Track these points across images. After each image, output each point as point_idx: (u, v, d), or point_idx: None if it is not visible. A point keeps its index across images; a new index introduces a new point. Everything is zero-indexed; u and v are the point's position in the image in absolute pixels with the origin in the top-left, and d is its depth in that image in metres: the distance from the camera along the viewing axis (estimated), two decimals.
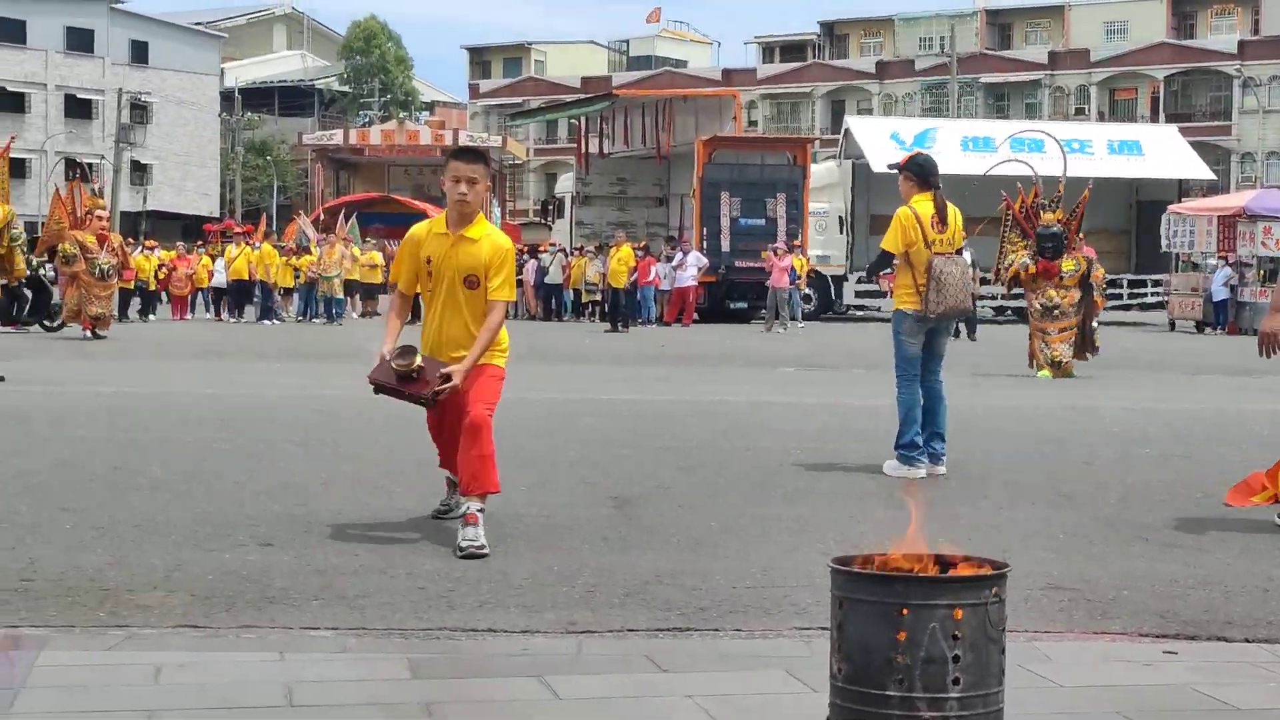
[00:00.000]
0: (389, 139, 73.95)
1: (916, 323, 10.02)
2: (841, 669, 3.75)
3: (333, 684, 4.78)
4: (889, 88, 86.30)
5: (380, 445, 10.92)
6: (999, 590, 3.72)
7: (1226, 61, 79.01)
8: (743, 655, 5.31)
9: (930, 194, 10.08)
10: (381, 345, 7.52)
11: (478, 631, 5.54)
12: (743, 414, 13.98)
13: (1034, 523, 8.10)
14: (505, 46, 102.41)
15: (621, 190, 43.73)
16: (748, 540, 7.44)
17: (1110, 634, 5.72)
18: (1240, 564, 7.03)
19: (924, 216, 9.99)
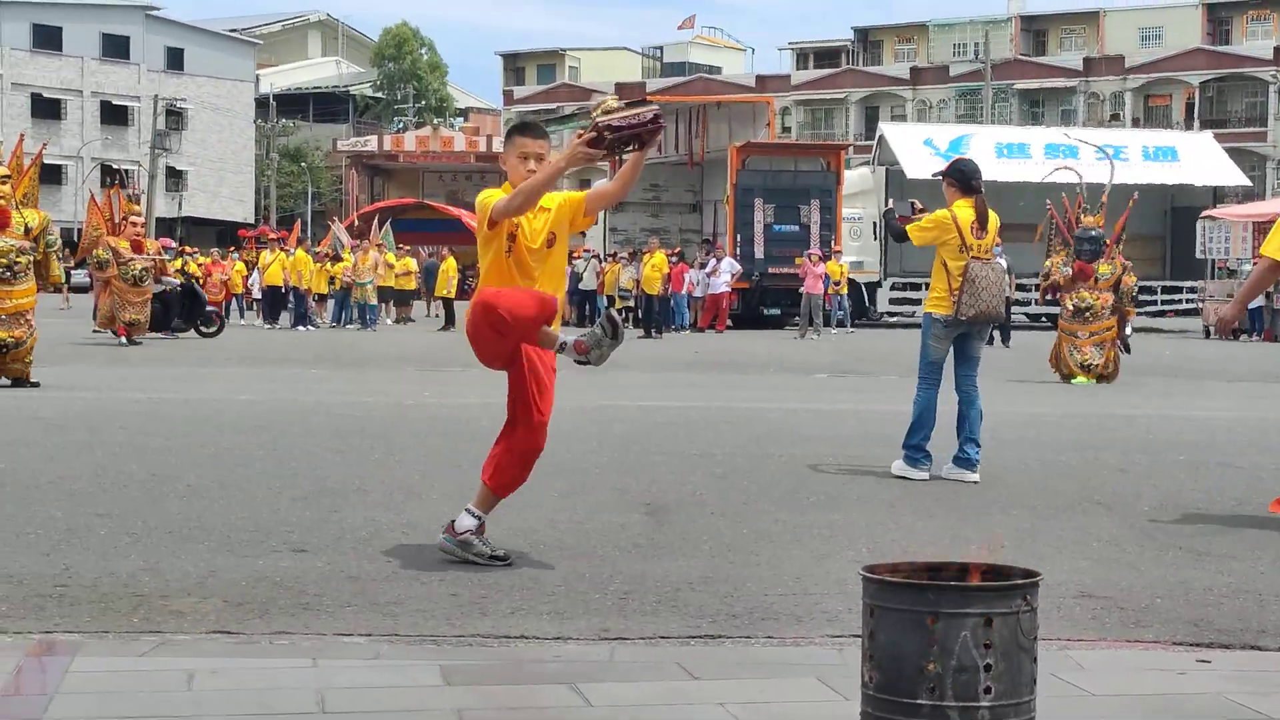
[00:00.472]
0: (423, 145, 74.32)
1: (945, 327, 10.05)
2: (873, 677, 3.75)
3: (365, 691, 4.80)
4: (923, 94, 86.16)
5: (415, 451, 10.95)
6: (1030, 599, 3.72)
7: (1262, 67, 78.66)
8: (775, 663, 5.30)
9: (972, 200, 10.14)
10: (564, 152, 6.81)
11: (510, 638, 5.55)
12: (775, 420, 13.97)
13: (1068, 530, 8.08)
14: (539, 53, 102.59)
15: (655, 197, 43.76)
16: (780, 547, 7.44)
17: (1143, 642, 5.71)
18: (1275, 573, 6.99)
19: (964, 222, 10.04)
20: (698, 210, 43.70)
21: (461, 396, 16.06)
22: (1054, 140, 43.37)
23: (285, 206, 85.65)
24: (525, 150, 6.88)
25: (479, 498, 6.95)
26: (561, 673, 5.05)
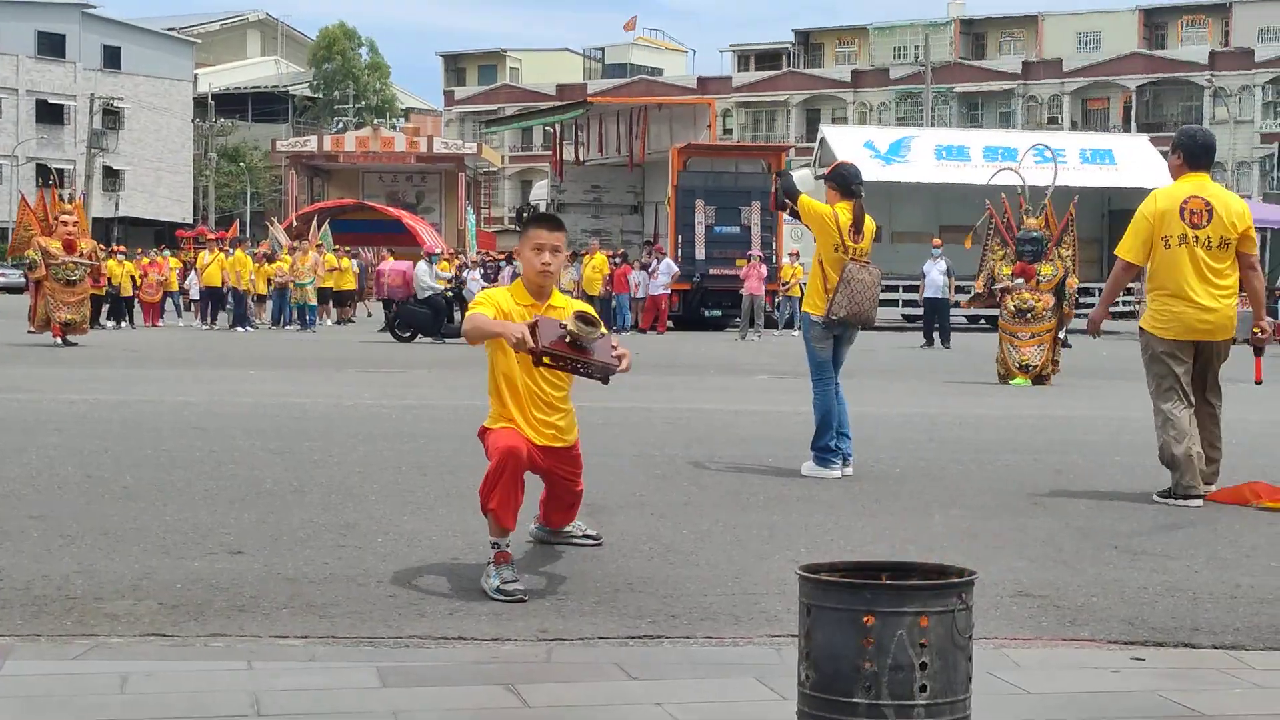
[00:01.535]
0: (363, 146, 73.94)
1: (823, 327, 10.11)
2: (809, 676, 3.75)
3: (301, 693, 4.77)
4: (864, 96, 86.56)
5: (354, 452, 10.89)
6: (966, 597, 3.73)
7: (1197, 72, 79.48)
8: (713, 663, 5.30)
9: (851, 203, 10.21)
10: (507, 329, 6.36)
11: (448, 639, 5.53)
12: (716, 422, 13.99)
13: (1005, 530, 8.12)
14: (480, 54, 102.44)
15: (596, 198, 43.76)
16: (720, 548, 7.45)
17: (1079, 641, 5.74)
18: (1208, 571, 7.06)
19: (843, 223, 10.13)
20: (639, 211, 43.70)
21: (401, 398, 16.00)
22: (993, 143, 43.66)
23: (224, 207, 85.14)
24: (541, 242, 6.70)
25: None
26: (499, 674, 5.04)
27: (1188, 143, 9.48)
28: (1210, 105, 78.82)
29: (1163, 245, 9.27)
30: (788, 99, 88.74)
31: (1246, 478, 10.29)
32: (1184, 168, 9.44)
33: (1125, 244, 9.39)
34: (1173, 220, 9.25)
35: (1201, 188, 9.40)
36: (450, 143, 78.44)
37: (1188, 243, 9.24)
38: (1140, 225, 9.35)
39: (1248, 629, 5.94)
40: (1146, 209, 9.37)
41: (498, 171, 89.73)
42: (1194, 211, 9.26)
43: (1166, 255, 9.29)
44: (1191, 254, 9.24)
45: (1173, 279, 9.27)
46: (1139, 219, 9.38)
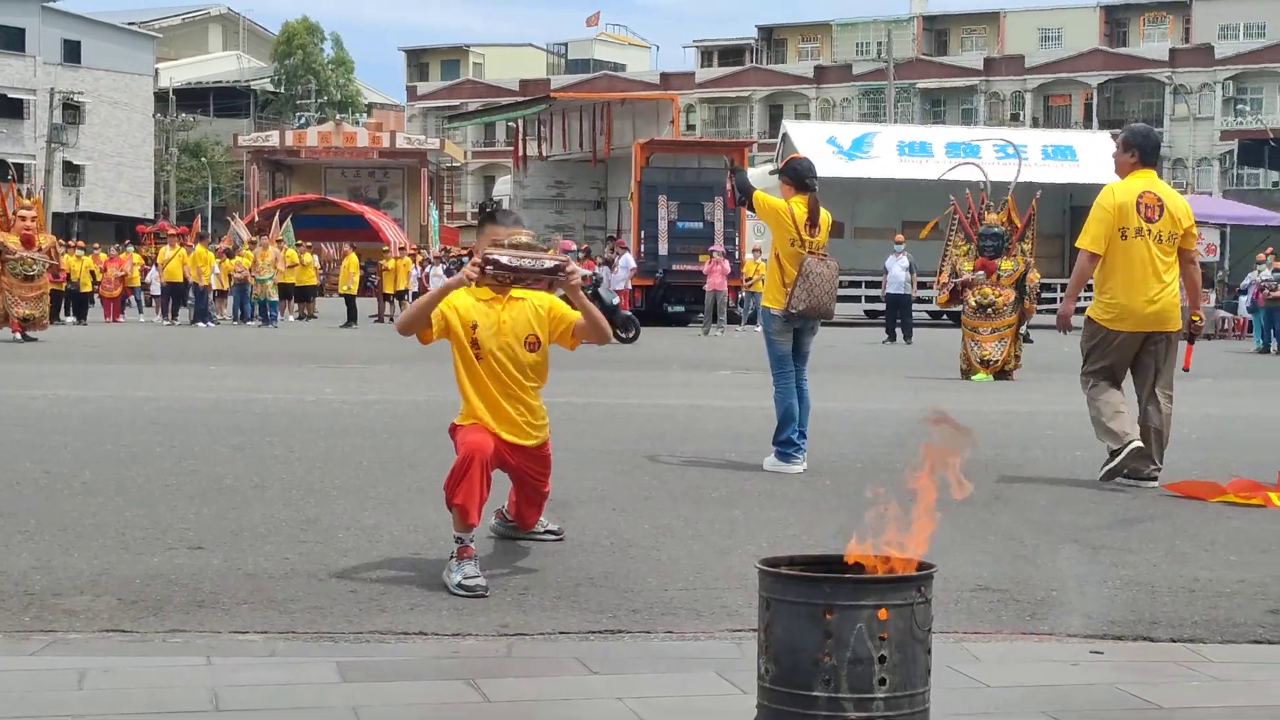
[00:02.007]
0: (326, 141, 73.82)
1: (783, 321, 10.14)
2: (769, 670, 3.76)
3: (260, 688, 4.75)
4: (826, 92, 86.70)
5: (315, 448, 10.86)
6: (925, 591, 3.74)
7: (1158, 69, 79.87)
8: (674, 657, 5.31)
9: (806, 197, 10.22)
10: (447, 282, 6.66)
11: (408, 634, 5.52)
12: (677, 417, 14.00)
13: (966, 524, 8.13)
14: (443, 49, 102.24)
15: (559, 193, 43.73)
16: (681, 542, 7.45)
17: (1038, 634, 5.76)
18: (1167, 565, 7.09)
19: (798, 217, 10.13)
20: (602, 207, 43.70)
21: (363, 394, 15.97)
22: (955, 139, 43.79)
23: (185, 202, 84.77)
24: (497, 238, 6.67)
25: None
26: (460, 669, 5.03)
27: (1142, 141, 9.84)
28: (1171, 102, 79.23)
29: (1120, 237, 9.61)
30: (751, 95, 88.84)
31: (1210, 472, 10.36)
32: (1138, 165, 9.80)
33: (1088, 236, 9.68)
34: (1130, 213, 9.60)
35: (1153, 183, 9.80)
36: (413, 138, 78.38)
37: (1143, 235, 9.61)
38: (1102, 217, 9.65)
39: (1206, 622, 5.97)
40: (1106, 201, 9.67)
41: (461, 167, 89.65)
42: (1148, 206, 9.64)
43: (1123, 247, 9.65)
44: (1145, 247, 9.61)
45: (1126, 271, 9.65)
46: (1100, 211, 9.66)
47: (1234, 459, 11.17)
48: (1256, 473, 10.32)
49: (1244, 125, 75.83)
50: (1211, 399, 17.84)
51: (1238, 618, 6.06)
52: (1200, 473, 10.40)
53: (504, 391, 6.67)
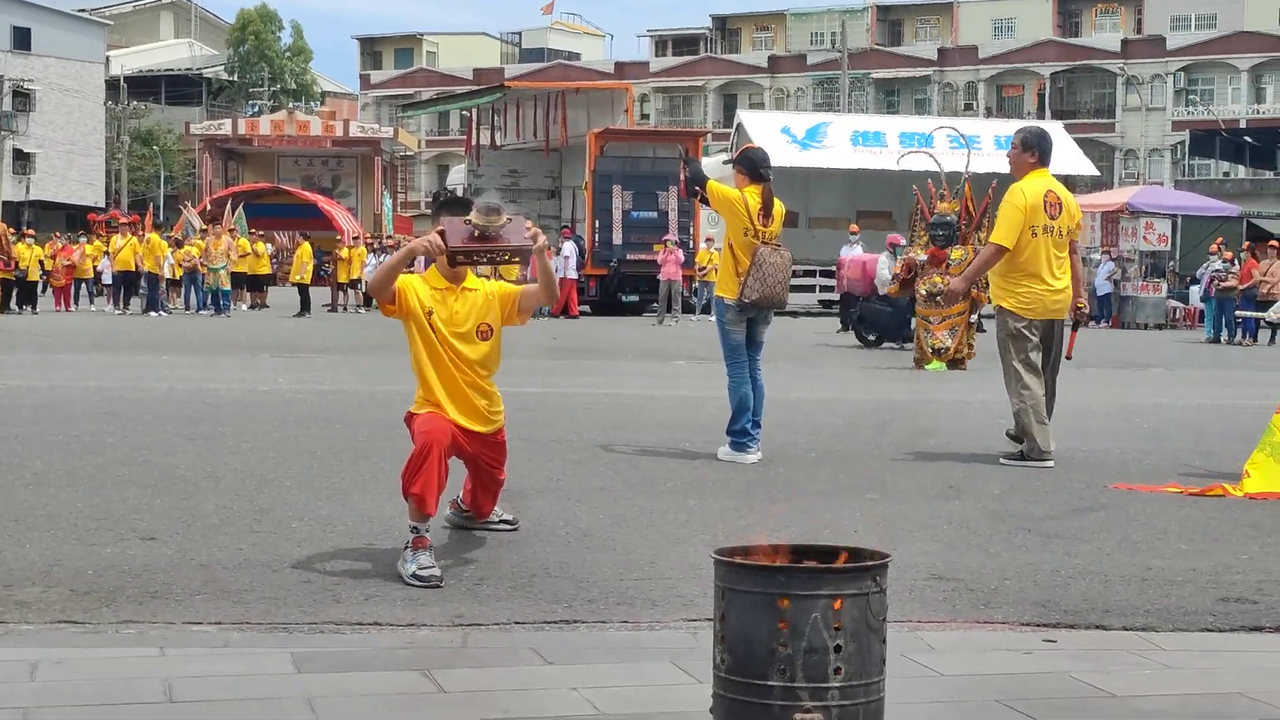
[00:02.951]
0: (279, 129, 73.47)
1: (737, 311, 10.17)
2: (724, 660, 3.76)
3: (214, 679, 4.73)
4: (781, 82, 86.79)
5: (268, 438, 10.82)
6: (880, 580, 3.75)
7: (1110, 59, 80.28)
8: (629, 647, 5.31)
9: (760, 187, 10.24)
10: (413, 245, 6.63)
11: (363, 625, 5.51)
12: (633, 407, 14.00)
13: (921, 514, 8.18)
14: (397, 37, 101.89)
15: (513, 183, 43.58)
16: (636, 532, 7.46)
17: (992, 623, 5.79)
18: (1119, 554, 7.14)
19: (752, 207, 10.16)
20: (556, 196, 43.59)
21: (317, 383, 15.91)
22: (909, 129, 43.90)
23: (137, 190, 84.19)
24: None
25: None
26: (414, 659, 5.02)
27: (1040, 143, 10.58)
28: (1123, 93, 79.64)
29: (1030, 234, 10.28)
30: (705, 84, 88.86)
31: (1161, 460, 10.45)
32: (1037, 165, 10.51)
33: (1003, 232, 10.28)
34: (1039, 212, 10.29)
35: (1051, 183, 10.53)
36: (366, 127, 78.09)
37: (1049, 232, 10.34)
38: (1016, 215, 10.26)
39: (1158, 611, 6.02)
40: (1019, 201, 10.30)
41: (414, 156, 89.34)
42: (1052, 204, 10.36)
43: (1032, 243, 10.29)
44: (1048, 242, 10.34)
45: (1035, 264, 10.32)
46: (1014, 210, 10.28)
47: (1185, 448, 11.24)
48: (1208, 461, 10.42)
49: (1195, 116, 76.30)
50: (1163, 388, 17.97)
51: (1189, 606, 6.11)
52: (1152, 462, 10.48)
53: (463, 379, 6.69)
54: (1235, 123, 73.32)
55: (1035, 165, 10.48)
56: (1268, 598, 6.27)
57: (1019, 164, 10.55)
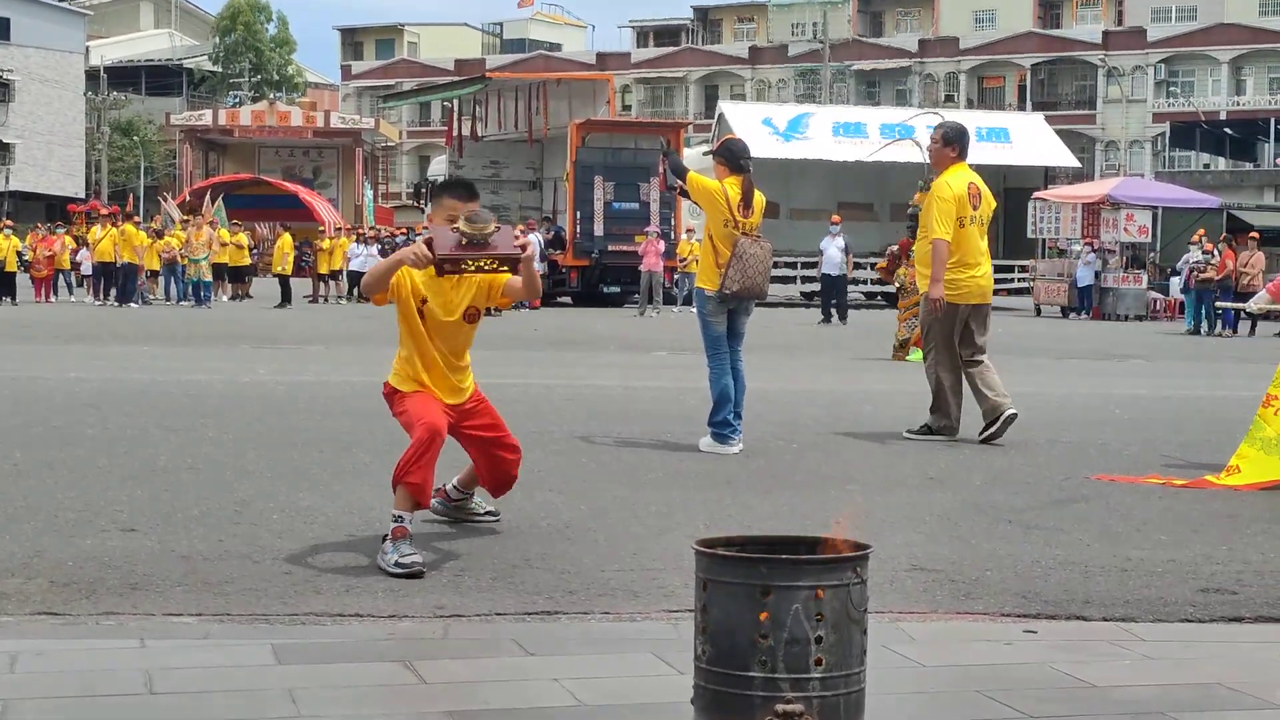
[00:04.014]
0: (259, 120, 73.29)
1: (718, 302, 10.17)
2: (705, 651, 3.76)
3: (194, 671, 4.72)
4: (762, 73, 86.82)
5: (249, 429, 10.80)
6: (861, 572, 3.75)
7: (1091, 51, 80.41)
8: (610, 638, 5.31)
9: (740, 178, 10.25)
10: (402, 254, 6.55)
11: (344, 616, 5.50)
12: (614, 398, 14.01)
13: (901, 505, 8.19)
14: (378, 28, 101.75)
15: (495, 174, 43.52)
16: (618, 524, 7.46)
17: (973, 614, 5.80)
18: (1099, 545, 7.15)
19: (732, 199, 10.16)
20: (538, 187, 43.55)
21: (297, 374, 15.89)
22: (890, 120, 43.91)
23: (117, 181, 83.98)
24: (453, 212, 6.63)
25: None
26: (396, 650, 5.01)
27: (960, 138, 11.11)
28: (1104, 84, 79.77)
29: (959, 225, 10.91)
30: (686, 75, 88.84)
31: (1142, 451, 10.47)
32: (958, 158, 11.06)
33: (942, 227, 10.82)
34: (965, 203, 10.90)
35: (971, 174, 11.13)
36: (347, 118, 77.96)
37: (973, 222, 10.97)
38: (948, 208, 10.85)
39: (1137, 601, 6.03)
40: (947, 194, 10.86)
41: (395, 147, 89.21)
42: (974, 195, 10.98)
43: (961, 233, 10.91)
44: (974, 231, 11.00)
45: (966, 252, 10.98)
46: (945, 203, 10.85)
47: (1165, 439, 11.27)
48: (1187, 452, 10.45)
49: (1175, 108, 76.46)
50: (1143, 380, 18.02)
51: (1169, 597, 6.13)
52: (1132, 452, 10.51)
53: (447, 363, 6.80)
54: (1215, 114, 73.52)
55: (956, 159, 11.04)
56: (1247, 588, 6.29)
57: (941, 158, 11.07)
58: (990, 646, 5.26)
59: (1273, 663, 5.10)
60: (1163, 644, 5.35)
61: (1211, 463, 9.56)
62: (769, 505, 8.15)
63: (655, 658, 4.95)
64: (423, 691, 4.58)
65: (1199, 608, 5.96)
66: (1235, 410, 11.41)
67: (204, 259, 35.31)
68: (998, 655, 5.13)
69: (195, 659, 4.86)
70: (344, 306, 36.85)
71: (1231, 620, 5.80)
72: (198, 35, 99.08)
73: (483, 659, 4.96)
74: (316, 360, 18.31)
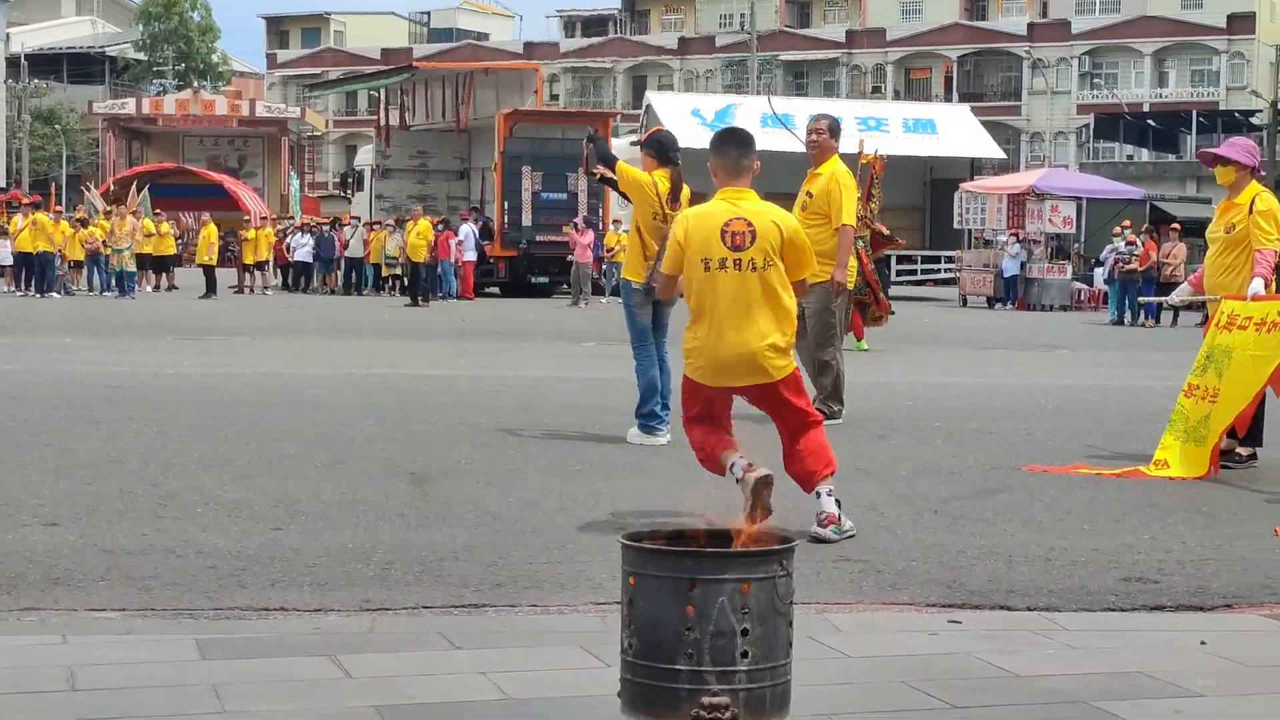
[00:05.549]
0: (184, 109, 72.67)
1: (644, 294, 10.18)
2: (632, 644, 3.76)
3: (118, 666, 4.68)
4: (690, 64, 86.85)
5: (173, 422, 10.71)
6: (786, 564, 3.76)
7: (1016, 43, 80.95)
8: (538, 631, 5.31)
9: (669, 170, 10.26)
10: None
11: (269, 610, 5.47)
12: (543, 389, 13.98)
13: None
14: (304, 16, 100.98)
15: (422, 163, 43.34)
16: (545, 515, 7.45)
17: (898, 604, 5.84)
18: (1024, 535, 7.21)
19: (661, 191, 10.17)
20: (465, 177, 43.41)
21: (224, 366, 15.77)
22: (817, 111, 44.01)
23: (38, 170, 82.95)
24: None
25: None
26: (322, 644, 4.99)
27: (840, 131, 11.52)
28: (1029, 76, 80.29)
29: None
30: (614, 66, 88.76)
31: (1067, 441, 10.56)
32: (836, 150, 11.34)
33: (850, 213, 11.05)
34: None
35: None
36: (273, 107, 77.40)
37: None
38: (852, 196, 11.17)
39: (1061, 591, 6.09)
40: (850, 183, 11.13)
41: (322, 136, 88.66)
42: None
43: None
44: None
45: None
46: (850, 191, 11.12)
47: (1090, 429, 11.37)
48: (1111, 441, 10.54)
49: (1099, 100, 77.07)
50: (1068, 370, 18.17)
51: (1092, 586, 6.18)
52: (1058, 443, 10.60)
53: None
54: (1139, 106, 74.15)
55: (835, 150, 11.31)
56: (1169, 577, 6.36)
57: (826, 148, 11.26)
58: (915, 637, 5.29)
59: (1193, 651, 5.16)
60: (1086, 633, 5.40)
61: (1136, 452, 9.66)
62: (696, 497, 8.14)
63: (583, 651, 4.95)
64: (349, 686, 4.56)
65: (1121, 597, 6.02)
66: (1158, 400, 11.53)
67: (127, 249, 34.93)
68: (923, 645, 5.16)
69: (118, 655, 4.82)
70: (269, 297, 36.61)
71: (1153, 609, 5.86)
72: (120, 22, 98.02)
73: (409, 653, 4.94)
74: (242, 351, 18.17)
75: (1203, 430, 9.18)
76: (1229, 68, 76.71)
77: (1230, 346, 9.26)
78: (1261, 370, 9.10)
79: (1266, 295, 9.33)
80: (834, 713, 4.33)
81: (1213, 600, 6.01)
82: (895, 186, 21.63)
